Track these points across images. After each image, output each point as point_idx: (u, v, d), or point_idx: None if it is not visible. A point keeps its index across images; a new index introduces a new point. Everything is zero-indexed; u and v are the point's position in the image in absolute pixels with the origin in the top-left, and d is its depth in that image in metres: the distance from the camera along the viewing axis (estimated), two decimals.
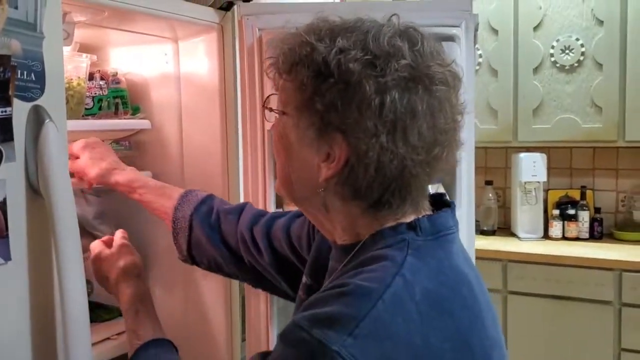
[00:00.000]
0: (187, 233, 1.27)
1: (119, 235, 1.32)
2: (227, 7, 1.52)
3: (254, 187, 1.51)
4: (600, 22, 3.17)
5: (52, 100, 1.02)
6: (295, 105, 0.87)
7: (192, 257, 1.30)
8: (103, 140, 1.59)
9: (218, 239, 1.26)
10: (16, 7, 0.96)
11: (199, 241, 1.25)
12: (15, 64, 0.95)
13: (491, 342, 0.84)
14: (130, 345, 1.16)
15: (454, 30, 1.55)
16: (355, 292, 0.76)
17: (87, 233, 1.58)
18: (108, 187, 1.37)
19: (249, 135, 1.49)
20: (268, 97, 0.96)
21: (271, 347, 1.67)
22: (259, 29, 1.43)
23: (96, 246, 1.31)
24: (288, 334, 0.78)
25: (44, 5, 1.00)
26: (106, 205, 1.64)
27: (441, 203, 0.92)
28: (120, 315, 1.65)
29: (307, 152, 0.87)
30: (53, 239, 0.99)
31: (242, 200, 1.53)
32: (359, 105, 0.80)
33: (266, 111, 0.96)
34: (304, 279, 1.08)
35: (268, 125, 1.39)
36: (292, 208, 1.26)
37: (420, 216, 0.86)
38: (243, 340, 1.67)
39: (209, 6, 1.50)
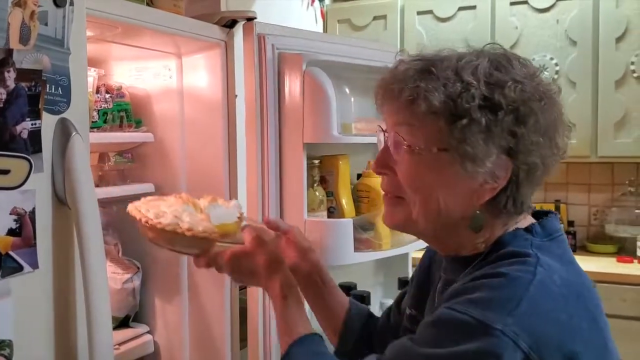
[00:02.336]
0: (357, 334, 1.23)
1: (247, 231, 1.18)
2: (231, 25, 1.57)
3: (258, 199, 1.57)
4: (574, 43, 3.27)
5: (77, 113, 1.06)
6: (436, 145, 0.90)
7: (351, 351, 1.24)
8: (108, 153, 1.63)
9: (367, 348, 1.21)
10: (46, 24, 1.00)
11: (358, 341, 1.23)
12: (45, 78, 0.99)
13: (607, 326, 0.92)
14: (280, 334, 1.08)
15: None
16: (510, 279, 0.84)
17: None
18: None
19: (266, 148, 1.54)
20: (391, 130, 0.96)
21: (273, 354, 1.71)
22: (277, 48, 1.51)
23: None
24: (443, 318, 0.84)
25: (70, 22, 1.04)
26: (109, 217, 1.66)
27: (540, 213, 1.02)
28: (120, 325, 1.69)
29: (460, 183, 0.91)
30: (79, 246, 1.02)
31: (245, 212, 1.56)
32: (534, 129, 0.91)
33: (393, 144, 0.95)
34: (407, 310, 1.13)
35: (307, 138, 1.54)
36: None
37: (528, 223, 0.96)
38: (242, 347, 1.70)
39: (214, 24, 1.55)
